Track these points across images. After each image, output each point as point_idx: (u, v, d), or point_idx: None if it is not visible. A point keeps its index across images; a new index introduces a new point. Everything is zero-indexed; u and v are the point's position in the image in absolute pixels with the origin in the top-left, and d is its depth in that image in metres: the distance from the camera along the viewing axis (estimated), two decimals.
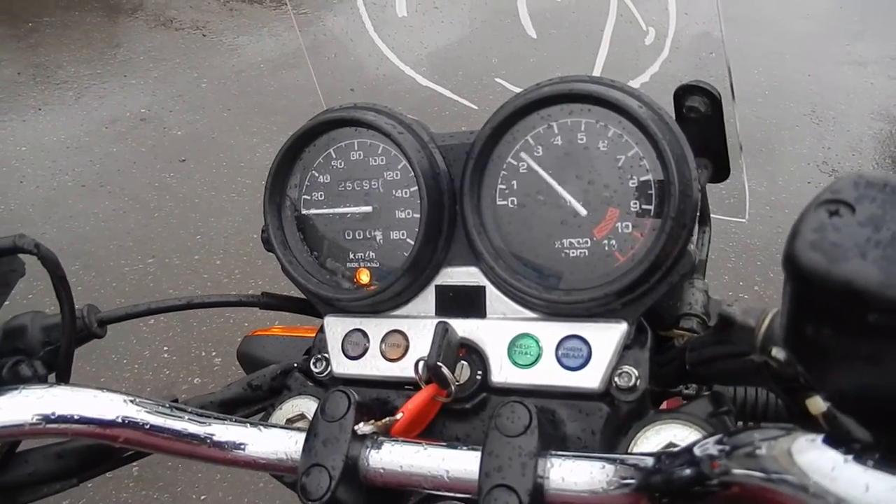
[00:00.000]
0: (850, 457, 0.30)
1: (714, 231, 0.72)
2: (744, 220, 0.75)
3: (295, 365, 0.69)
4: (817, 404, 0.40)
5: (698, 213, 0.54)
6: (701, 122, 0.66)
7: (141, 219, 3.27)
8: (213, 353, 2.63)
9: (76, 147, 3.77)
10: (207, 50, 4.85)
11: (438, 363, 0.54)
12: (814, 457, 0.31)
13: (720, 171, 0.71)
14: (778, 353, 0.33)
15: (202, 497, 2.21)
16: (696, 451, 0.38)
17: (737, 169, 0.70)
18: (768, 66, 5.39)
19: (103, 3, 5.50)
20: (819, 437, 0.32)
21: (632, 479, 0.43)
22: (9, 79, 4.41)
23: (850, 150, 4.44)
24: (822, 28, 6.05)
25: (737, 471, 0.35)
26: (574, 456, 0.47)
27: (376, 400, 0.61)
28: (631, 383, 0.54)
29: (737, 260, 3.20)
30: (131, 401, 0.52)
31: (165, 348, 2.65)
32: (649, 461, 0.42)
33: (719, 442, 0.37)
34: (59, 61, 4.62)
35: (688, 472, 0.38)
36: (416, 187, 0.59)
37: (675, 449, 0.42)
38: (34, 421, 0.49)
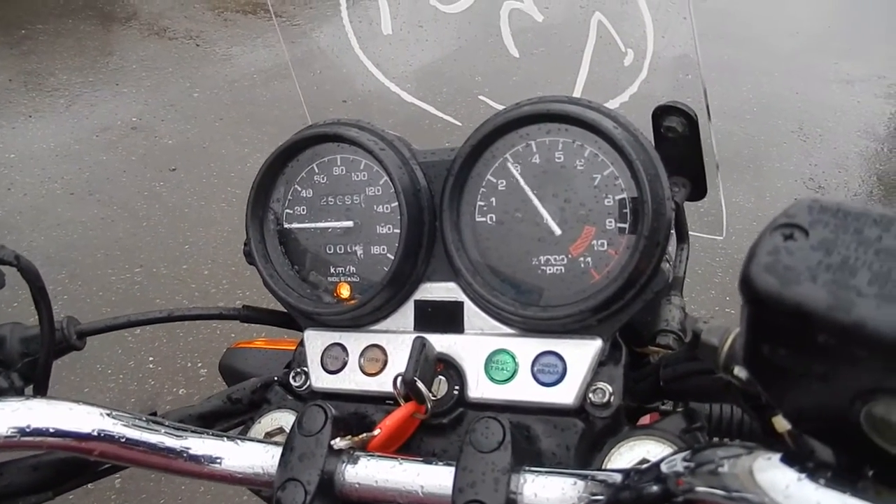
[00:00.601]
0: (803, 475, 0.30)
1: (701, 247, 0.73)
2: (720, 237, 0.76)
3: (275, 378, 0.69)
4: (781, 423, 0.41)
5: (673, 231, 0.55)
6: (678, 141, 0.67)
7: (129, 228, 3.26)
8: (199, 364, 2.62)
9: (66, 155, 3.76)
10: (200, 60, 4.85)
11: (415, 378, 0.54)
12: (771, 475, 0.32)
13: (698, 189, 0.72)
14: (739, 371, 0.33)
15: None
16: (664, 467, 0.39)
17: (714, 188, 0.71)
18: (757, 83, 5.45)
19: (97, 12, 5.50)
20: (777, 456, 0.32)
21: (601, 495, 0.43)
22: (0, 85, 4.40)
23: (837, 167, 4.48)
24: (811, 46, 6.13)
25: (700, 488, 0.35)
26: (546, 472, 0.48)
27: (354, 414, 0.61)
28: (605, 399, 0.55)
29: (723, 275, 3.22)
30: (108, 414, 0.52)
31: (151, 359, 2.64)
32: (618, 478, 0.43)
33: (685, 459, 0.37)
34: (52, 69, 4.61)
35: (655, 488, 0.39)
36: (396, 203, 0.60)
37: (644, 466, 0.42)
38: (9, 433, 0.49)
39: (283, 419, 0.64)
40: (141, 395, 2.48)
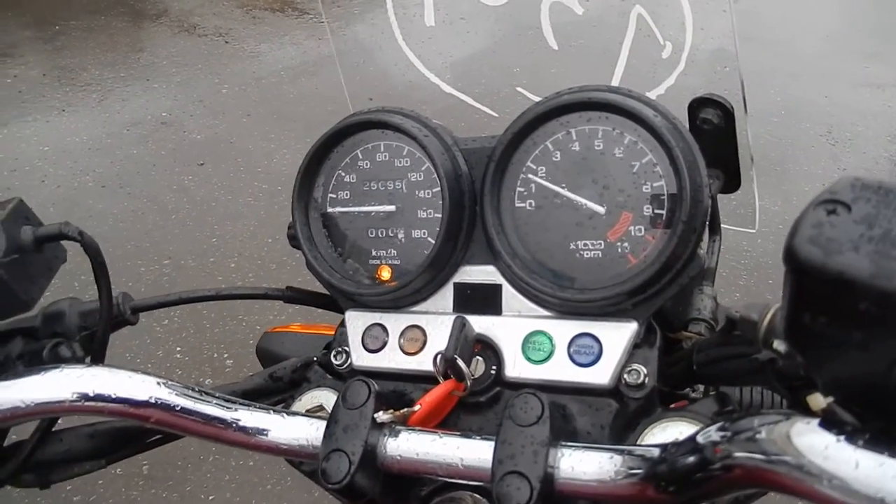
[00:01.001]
0: (842, 437, 0.32)
1: (726, 248, 0.74)
2: (753, 231, 0.77)
3: (314, 359, 0.71)
4: (817, 401, 0.42)
5: (708, 221, 0.56)
6: (714, 133, 0.68)
7: (158, 220, 3.32)
8: (225, 355, 2.66)
9: (97, 148, 3.83)
10: (229, 56, 4.92)
11: (455, 356, 0.56)
12: (810, 439, 0.33)
13: (731, 182, 0.73)
14: (779, 345, 0.35)
15: (210, 497, 2.23)
16: (700, 438, 0.40)
17: (748, 181, 0.72)
18: (784, 86, 5.40)
19: (129, 9, 5.60)
20: (815, 421, 0.34)
21: (639, 469, 0.45)
22: (34, 80, 4.50)
23: (866, 171, 4.43)
24: (839, 49, 6.06)
25: (738, 454, 0.37)
26: (584, 447, 0.49)
27: (393, 392, 0.63)
28: (640, 380, 0.56)
29: (748, 277, 3.21)
30: (163, 383, 0.55)
31: (178, 349, 2.69)
32: (655, 452, 0.44)
33: (721, 429, 0.39)
34: (84, 64, 4.71)
35: (691, 459, 0.40)
36: (438, 188, 0.62)
37: (680, 439, 0.44)
38: (74, 398, 0.51)
39: (323, 397, 0.66)
40: None
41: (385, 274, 0.67)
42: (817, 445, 0.32)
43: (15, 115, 4.10)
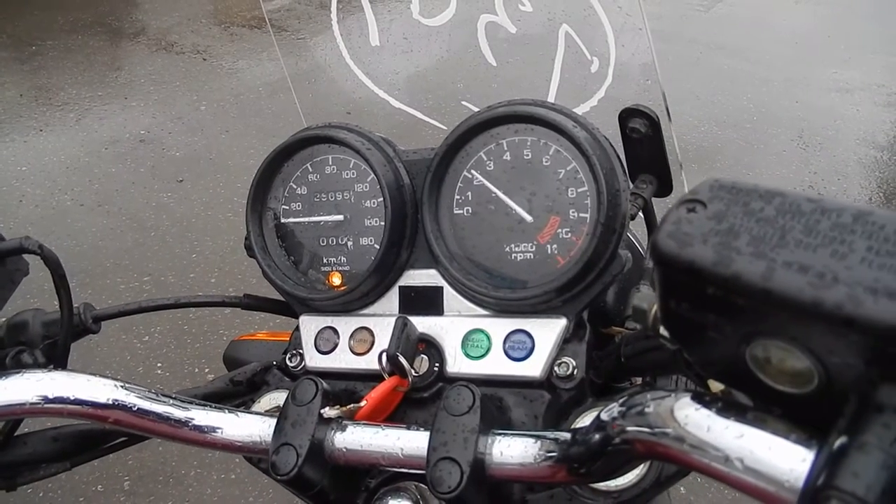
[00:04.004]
0: (700, 406, 0.36)
1: None
2: None
3: (274, 363, 0.75)
4: (715, 384, 0.47)
5: (628, 221, 0.61)
6: (643, 141, 0.73)
7: (138, 237, 3.33)
8: (207, 370, 2.68)
9: (76, 167, 3.84)
10: (207, 73, 4.95)
11: (397, 354, 0.60)
12: (683, 412, 0.37)
13: (664, 186, 0.78)
14: (664, 331, 0.39)
15: None
16: (603, 415, 0.44)
17: (679, 185, 0.77)
18: (757, 92, 5.50)
19: (106, 28, 5.62)
20: (688, 395, 0.38)
21: (554, 452, 0.49)
22: (11, 100, 4.50)
23: (836, 175, 4.52)
24: (810, 55, 6.19)
25: (630, 428, 0.41)
26: (510, 434, 0.53)
27: (345, 390, 0.67)
28: (569, 372, 0.60)
29: None
30: (121, 386, 0.58)
31: (159, 364, 2.70)
32: (567, 436, 0.48)
33: (620, 405, 0.43)
34: (62, 83, 4.71)
35: (597, 437, 0.45)
36: (382, 198, 0.66)
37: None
38: (34, 400, 0.55)
39: (281, 398, 0.69)
40: None
41: (336, 279, 0.71)
42: (681, 414, 0.37)
43: None
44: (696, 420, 0.37)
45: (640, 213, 0.75)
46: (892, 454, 0.28)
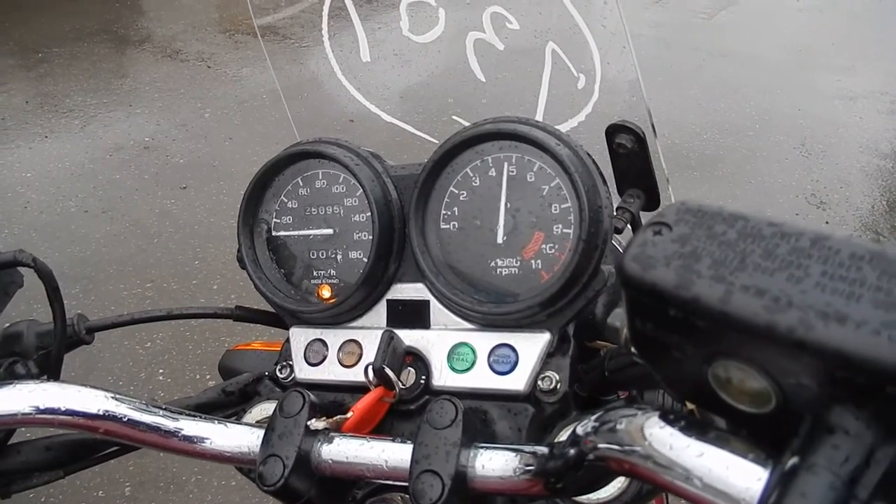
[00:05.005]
0: (665, 424, 0.37)
1: None
2: None
3: (266, 373, 0.76)
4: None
5: (610, 237, 0.62)
6: (629, 156, 0.74)
7: (141, 244, 3.36)
8: (208, 376, 2.69)
9: (80, 174, 3.87)
10: (212, 81, 4.98)
11: (384, 366, 0.61)
12: (653, 430, 0.38)
13: (652, 200, 0.79)
14: (634, 349, 0.40)
15: None
16: (579, 429, 0.45)
17: (666, 199, 0.78)
18: (759, 100, 5.50)
19: (112, 35, 5.66)
20: (656, 414, 0.39)
21: (532, 465, 0.50)
22: (17, 107, 4.54)
23: (839, 183, 4.52)
24: (814, 63, 6.19)
25: (602, 445, 0.42)
26: (492, 447, 0.54)
27: (333, 402, 0.68)
28: (552, 386, 0.61)
29: None
30: (112, 397, 0.60)
31: (161, 371, 2.72)
32: (546, 450, 0.49)
33: (594, 420, 0.44)
34: (67, 91, 4.75)
35: (572, 452, 0.45)
36: (370, 212, 0.67)
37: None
38: (27, 411, 0.56)
39: (271, 409, 0.70)
40: None
41: (325, 292, 0.72)
42: (647, 431, 0.38)
43: None
44: (660, 438, 0.38)
45: (629, 227, 0.76)
46: (840, 475, 0.29)
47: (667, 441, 0.37)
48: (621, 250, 0.82)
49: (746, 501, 0.33)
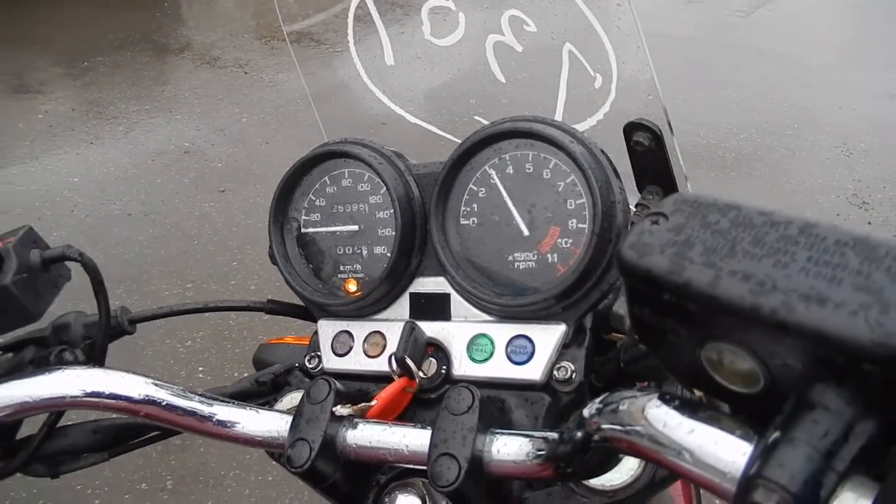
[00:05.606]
0: (661, 403, 0.39)
1: None
2: None
3: (296, 365, 0.79)
4: None
5: (624, 232, 0.63)
6: (647, 154, 0.75)
7: (181, 246, 3.45)
8: (245, 374, 2.75)
9: (124, 178, 4.00)
10: (249, 86, 5.09)
11: (405, 356, 0.64)
12: (651, 410, 0.40)
13: None
14: (636, 335, 0.42)
15: None
16: (585, 412, 0.47)
17: None
18: (798, 98, 5.41)
19: (153, 44, 5.82)
20: (656, 395, 0.41)
21: (542, 450, 0.52)
22: (64, 115, 4.71)
23: (882, 183, 4.41)
24: (854, 61, 6.06)
25: (605, 426, 0.44)
26: (507, 433, 0.56)
27: (359, 391, 0.71)
28: (567, 376, 0.63)
29: None
30: (153, 383, 0.64)
31: (200, 368, 2.79)
32: (556, 435, 0.51)
33: (599, 402, 0.46)
34: (111, 98, 4.91)
35: (579, 434, 0.48)
36: (393, 209, 0.70)
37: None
38: (74, 394, 0.60)
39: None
40: None
41: (351, 286, 0.75)
42: (648, 414, 0.40)
43: (46, 148, 4.29)
44: (656, 417, 0.40)
45: None
46: (818, 448, 0.30)
47: (662, 419, 0.39)
48: None
49: (731, 474, 0.34)
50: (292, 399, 0.75)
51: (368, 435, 0.61)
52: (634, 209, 0.77)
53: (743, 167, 4.42)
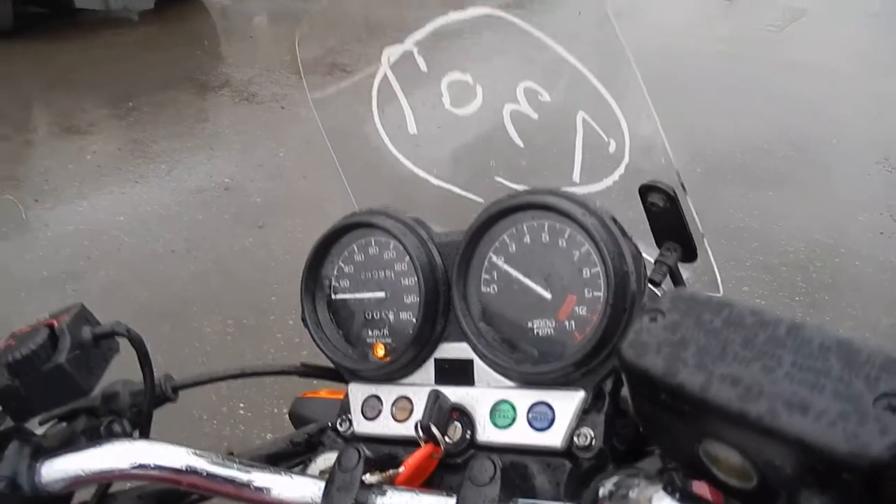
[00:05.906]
0: (667, 496, 0.41)
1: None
2: (719, 295, 0.85)
3: (329, 424, 0.83)
4: None
5: (638, 300, 0.65)
6: (663, 213, 0.78)
7: (222, 281, 3.55)
8: (284, 410, 2.80)
9: (167, 216, 4.13)
10: (286, 121, 5.23)
11: (430, 423, 0.67)
12: (656, 501, 0.42)
13: (689, 252, 0.82)
14: (639, 423, 0.44)
15: None
16: (600, 490, 0.49)
17: (703, 251, 0.81)
18: (836, 111, 5.32)
19: (194, 82, 6.02)
20: (660, 487, 0.43)
21: None
22: (111, 154, 4.89)
23: None
24: (891, 71, 5.94)
25: None
26: (529, 502, 0.59)
27: (388, 454, 0.74)
28: (587, 442, 0.65)
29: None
30: (194, 453, 0.68)
31: (241, 405, 2.86)
32: None
33: (614, 484, 0.48)
34: (155, 136, 5.08)
35: None
36: (416, 277, 0.73)
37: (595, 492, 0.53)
38: (124, 467, 0.65)
39: (334, 458, 0.77)
40: (232, 440, 2.69)
41: (380, 351, 0.78)
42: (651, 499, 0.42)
43: (94, 188, 4.46)
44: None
45: (668, 278, 0.79)
46: None
47: None
48: None
49: None
50: (325, 460, 0.78)
51: (396, 503, 0.64)
52: (654, 265, 0.79)
53: (780, 185, 4.36)
